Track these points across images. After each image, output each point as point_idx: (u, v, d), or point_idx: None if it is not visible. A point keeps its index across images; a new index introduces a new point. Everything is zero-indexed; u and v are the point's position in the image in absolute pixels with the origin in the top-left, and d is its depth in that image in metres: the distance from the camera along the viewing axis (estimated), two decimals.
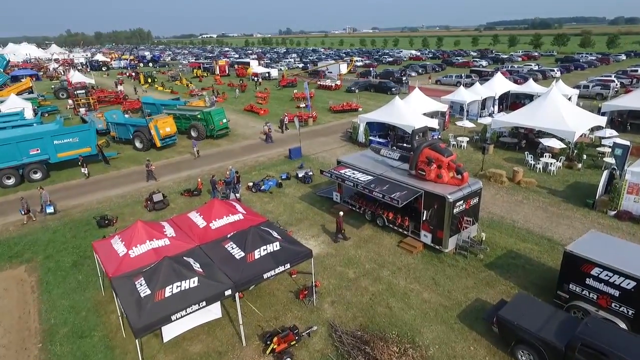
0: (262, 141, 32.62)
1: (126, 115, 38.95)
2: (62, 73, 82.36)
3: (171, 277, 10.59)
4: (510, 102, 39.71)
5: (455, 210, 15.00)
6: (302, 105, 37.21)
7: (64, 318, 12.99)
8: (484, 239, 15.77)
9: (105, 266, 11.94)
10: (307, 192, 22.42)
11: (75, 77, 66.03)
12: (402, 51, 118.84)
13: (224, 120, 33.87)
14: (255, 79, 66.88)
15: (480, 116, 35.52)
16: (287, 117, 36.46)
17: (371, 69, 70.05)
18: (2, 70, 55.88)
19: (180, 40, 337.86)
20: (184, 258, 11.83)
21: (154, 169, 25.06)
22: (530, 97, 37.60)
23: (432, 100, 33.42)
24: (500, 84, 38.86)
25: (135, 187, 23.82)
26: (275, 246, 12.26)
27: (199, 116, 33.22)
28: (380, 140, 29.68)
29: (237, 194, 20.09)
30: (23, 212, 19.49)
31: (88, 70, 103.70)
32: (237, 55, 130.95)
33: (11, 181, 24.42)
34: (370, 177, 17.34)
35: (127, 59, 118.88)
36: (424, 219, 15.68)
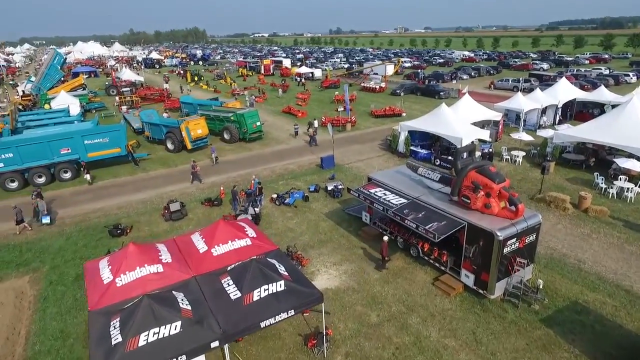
0: (306, 144, 30.90)
1: (165, 115, 38.89)
2: (117, 70, 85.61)
3: (148, 321, 8.92)
4: (576, 111, 35.19)
5: (506, 250, 12.24)
6: (341, 109, 35.04)
7: (49, 345, 11.82)
8: (540, 286, 12.83)
9: (88, 294, 10.55)
10: (335, 208, 20.29)
11: (126, 74, 68.14)
12: (454, 52, 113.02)
13: (258, 123, 32.50)
14: (298, 79, 65.58)
15: (539, 127, 31.58)
16: (317, 121, 34.48)
17: (419, 70, 66.44)
18: (59, 68, 58.11)
19: (233, 39, 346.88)
20: (173, 292, 10.16)
21: (199, 170, 24.22)
22: (600, 107, 33.05)
23: (484, 107, 30.03)
24: (564, 90, 34.48)
25: (158, 192, 22.88)
26: (279, 286, 10.28)
27: (232, 118, 32.10)
28: (423, 151, 26.87)
29: (256, 209, 18.35)
30: (15, 222, 18.45)
31: (142, 67, 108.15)
32: (284, 55, 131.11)
33: (42, 180, 24.37)
34: (403, 200, 14.90)
35: (178, 57, 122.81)
36: (466, 256, 13.04)
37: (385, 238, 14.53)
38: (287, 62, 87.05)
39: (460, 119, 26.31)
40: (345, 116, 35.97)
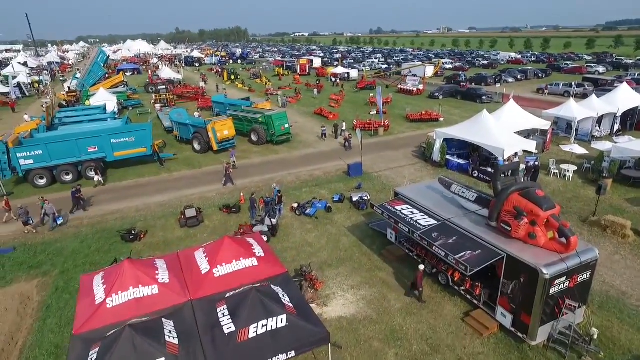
0: (337, 148, 29.59)
1: (196, 114, 38.76)
2: (158, 68, 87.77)
3: (128, 354, 7.91)
4: (638, 121, 31.61)
5: (553, 290, 10.33)
6: (373, 112, 33.39)
7: None
8: (595, 336, 10.77)
9: (77, 314, 9.75)
10: (359, 221, 18.79)
11: (164, 72, 69.51)
12: (499, 53, 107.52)
13: (286, 126, 31.47)
14: (333, 79, 64.25)
15: (594, 138, 28.49)
16: (344, 123, 33.05)
17: (461, 72, 63.20)
18: (102, 65, 60.01)
19: (273, 39, 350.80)
20: (162, 320, 9.15)
21: (232, 172, 23.73)
22: None
23: (530, 114, 27.42)
24: (624, 97, 31.00)
25: (178, 195, 22.29)
26: (279, 321, 9.00)
27: (260, 119, 31.26)
28: (460, 161, 24.76)
29: (273, 220, 17.18)
30: (23, 222, 18.27)
31: (182, 65, 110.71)
32: (322, 54, 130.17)
33: (69, 177, 24.51)
34: (433, 222, 13.20)
35: (218, 55, 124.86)
36: (504, 291, 11.21)
37: (422, 267, 12.71)
38: (317, 62, 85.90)
39: (503, 127, 23.99)
40: (378, 120, 34.24)
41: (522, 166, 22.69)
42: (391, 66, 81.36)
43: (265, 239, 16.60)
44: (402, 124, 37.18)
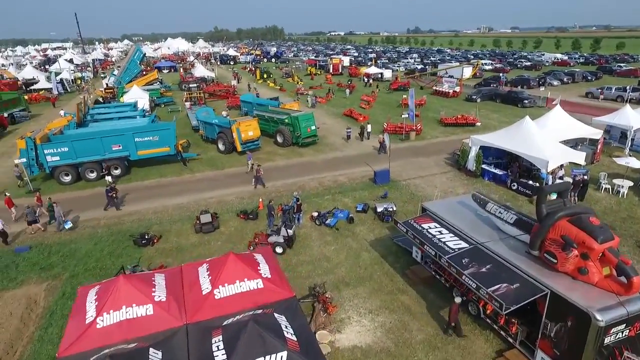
0: (369, 153, 28.31)
1: (224, 113, 38.43)
2: (193, 66, 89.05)
3: None
4: None
5: (609, 340, 8.64)
6: (405, 115, 31.72)
7: None
8: None
9: (66, 332, 9.06)
10: (382, 234, 17.41)
11: (198, 70, 70.30)
12: (543, 54, 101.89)
13: (312, 127, 30.40)
14: (366, 79, 62.61)
15: None
16: (369, 125, 31.51)
17: (501, 74, 59.91)
18: (138, 63, 61.27)
19: (309, 37, 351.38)
20: (150, 350, 8.22)
21: (262, 174, 22.86)
22: None
23: (579, 122, 24.98)
24: None
25: (197, 198, 21.68)
26: (279, 358, 7.88)
27: (286, 120, 30.34)
28: (497, 171, 22.78)
29: (290, 230, 16.10)
30: (27, 223, 18.06)
31: (217, 64, 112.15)
32: (356, 54, 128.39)
33: (94, 175, 24.52)
34: (464, 245, 11.68)
35: (252, 54, 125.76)
36: (546, 333, 9.59)
37: (458, 300, 11.16)
38: (345, 61, 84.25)
39: (548, 136, 21.82)
40: (410, 123, 32.52)
41: (568, 179, 20.52)
42: (427, 67, 78.69)
43: (280, 250, 15.68)
44: (436, 128, 35.23)
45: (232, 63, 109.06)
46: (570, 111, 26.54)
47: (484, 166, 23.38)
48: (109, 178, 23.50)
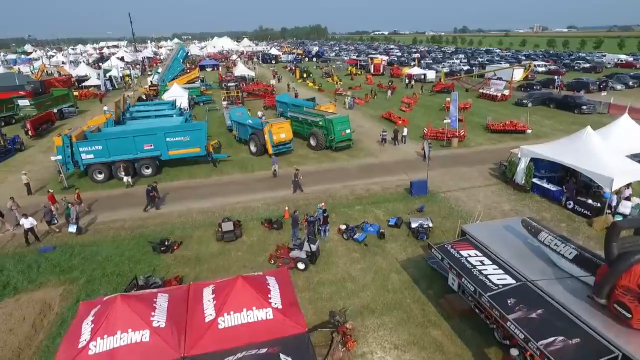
0: (413, 158, 26.68)
1: (259, 113, 37.92)
2: (235, 65, 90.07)
3: None
4: None
5: None
6: (446, 120, 29.62)
7: None
8: None
9: (57, 356, 8.37)
10: (415, 254, 15.81)
11: (239, 69, 70.80)
12: (605, 55, 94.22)
13: (347, 131, 29.04)
14: (408, 80, 60.27)
15: None
16: (406, 129, 29.65)
17: (556, 77, 55.53)
18: (181, 61, 62.47)
19: (352, 37, 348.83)
20: None
21: (301, 179, 21.99)
22: None
23: None
24: None
25: (223, 202, 20.99)
26: None
27: (320, 123, 29.19)
28: (550, 187, 20.40)
29: (313, 245, 14.89)
30: (47, 222, 17.91)
31: (259, 62, 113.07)
32: (399, 53, 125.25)
33: (124, 174, 24.52)
34: (510, 281, 9.95)
35: (294, 53, 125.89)
36: None
37: (515, 353, 9.35)
38: (377, 58, 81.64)
39: (612, 149, 19.19)
40: (452, 129, 30.36)
41: (637, 200, 17.91)
42: (474, 68, 74.85)
43: (302, 266, 14.55)
44: (481, 134, 32.75)
45: (273, 62, 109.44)
46: (637, 119, 23.46)
47: (534, 180, 21.05)
48: (127, 179, 23.39)
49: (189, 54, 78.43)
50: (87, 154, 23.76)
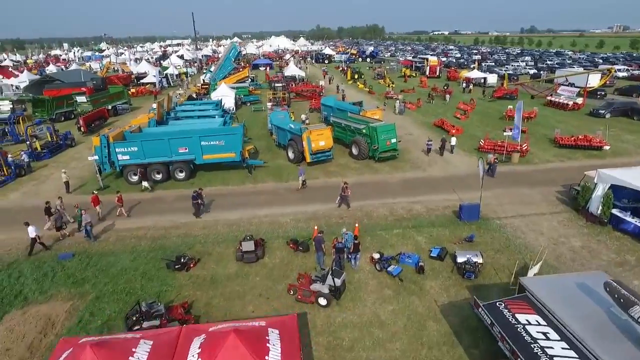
0: (472, 174, 24.01)
1: (303, 116, 36.49)
2: (288, 64, 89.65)
3: None
4: None
5: None
6: (507, 132, 26.21)
7: None
8: None
9: None
10: (460, 297, 13.34)
11: (289, 69, 69.99)
12: None
13: (393, 141, 26.64)
14: (465, 84, 56.05)
15: None
16: (454, 138, 26.45)
17: None
18: (232, 60, 62.78)
19: (409, 37, 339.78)
20: None
21: (350, 194, 19.99)
22: None
23: None
24: None
25: (251, 214, 19.62)
26: None
27: (364, 130, 27.04)
28: (636, 222, 16.80)
29: (337, 279, 12.91)
30: (55, 228, 17.52)
31: (312, 62, 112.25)
32: (459, 55, 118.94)
33: (159, 177, 24.06)
34: None
35: (348, 52, 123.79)
36: None
37: None
38: (433, 60, 76.94)
39: None
40: (514, 142, 26.91)
41: None
42: (541, 72, 68.51)
43: (324, 302, 12.70)
44: (548, 149, 28.84)
45: (326, 62, 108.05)
46: None
47: (614, 211, 17.53)
48: (145, 183, 22.75)
49: (241, 53, 79.04)
50: (123, 155, 23.50)
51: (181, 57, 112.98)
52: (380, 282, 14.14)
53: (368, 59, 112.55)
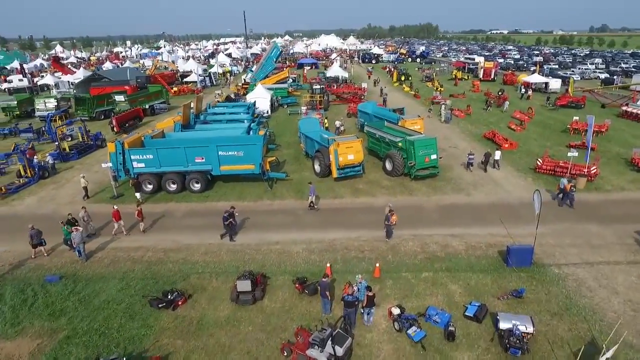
0: (526, 203, 20.51)
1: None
2: (332, 64, 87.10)
3: None
4: None
5: None
6: (573, 152, 22.04)
7: None
8: None
9: None
10: None
11: (332, 69, 67.42)
12: None
13: (433, 157, 23.35)
14: (524, 90, 50.60)
15: None
16: (498, 152, 22.50)
17: None
18: (274, 60, 61.30)
19: (464, 36, 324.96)
20: None
21: (396, 222, 16.60)
22: None
23: None
24: None
25: (261, 239, 17.38)
26: None
27: (399, 144, 23.97)
28: None
29: (340, 348, 10.25)
30: (31, 245, 16.07)
31: (359, 62, 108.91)
32: (518, 56, 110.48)
33: (174, 187, 22.53)
34: None
35: (397, 52, 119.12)
36: None
37: None
38: (481, 60, 70.76)
39: None
40: (581, 163, 22.68)
41: None
42: (615, 76, 60.89)
43: None
44: (623, 172, 24.18)
45: (373, 62, 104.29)
46: None
47: None
48: (138, 195, 21.23)
49: (282, 52, 77.54)
50: (139, 163, 22.20)
51: (229, 55, 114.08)
52: (396, 349, 11.31)
53: (418, 60, 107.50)
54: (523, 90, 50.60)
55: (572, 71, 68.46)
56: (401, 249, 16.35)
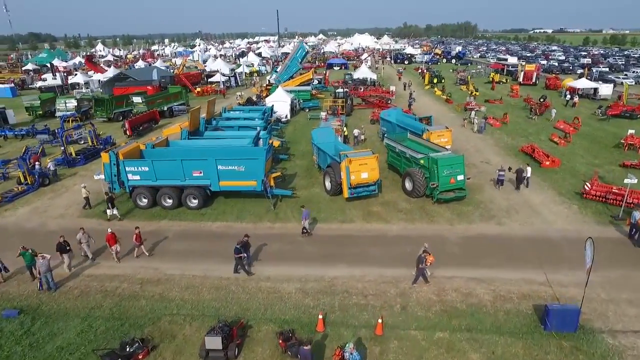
0: (565, 234, 17.36)
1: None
2: (360, 64, 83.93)
3: None
4: None
5: None
6: (632, 179, 18.40)
7: None
8: None
9: None
10: None
11: (360, 71, 64.48)
12: None
13: (459, 178, 20.33)
14: (569, 96, 45.86)
15: None
16: (532, 168, 19.05)
17: None
18: (299, 61, 59.06)
19: (505, 35, 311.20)
20: None
21: (431, 263, 13.93)
22: None
23: None
24: None
25: (252, 270, 15.16)
26: None
27: (421, 161, 21.10)
28: None
29: None
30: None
31: (391, 62, 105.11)
32: (562, 57, 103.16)
33: (170, 202, 20.71)
34: None
35: (432, 52, 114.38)
36: None
37: None
38: (513, 61, 65.21)
39: None
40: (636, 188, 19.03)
41: None
42: None
43: None
44: None
45: (406, 62, 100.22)
46: None
47: None
48: (109, 211, 19.50)
49: (308, 52, 75.19)
50: (134, 175, 20.52)
51: (259, 54, 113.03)
52: None
53: (453, 60, 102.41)
54: (568, 96, 45.79)
55: (625, 75, 62.22)
56: (413, 296, 13.63)
